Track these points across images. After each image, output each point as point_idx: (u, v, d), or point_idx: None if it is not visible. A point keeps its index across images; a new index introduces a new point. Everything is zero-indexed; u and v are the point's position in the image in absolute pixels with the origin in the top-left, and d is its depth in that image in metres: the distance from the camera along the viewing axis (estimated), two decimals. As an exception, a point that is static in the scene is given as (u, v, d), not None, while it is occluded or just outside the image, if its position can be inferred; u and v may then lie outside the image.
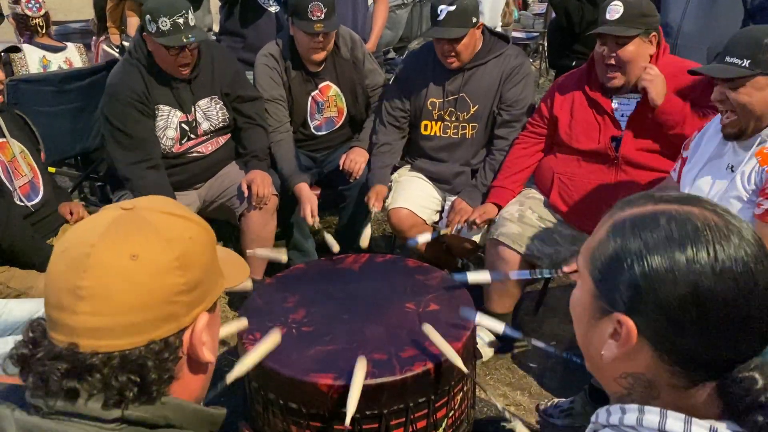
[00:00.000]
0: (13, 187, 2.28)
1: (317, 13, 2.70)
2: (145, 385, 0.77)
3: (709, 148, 1.94)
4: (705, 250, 0.75)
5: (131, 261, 0.77)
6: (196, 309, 0.82)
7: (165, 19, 2.45)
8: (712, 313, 0.74)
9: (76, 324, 0.75)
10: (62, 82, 3.52)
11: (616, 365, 0.82)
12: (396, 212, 2.76)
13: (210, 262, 0.86)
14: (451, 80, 2.73)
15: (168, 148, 2.70)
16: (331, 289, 2.06)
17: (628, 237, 0.80)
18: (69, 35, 4.77)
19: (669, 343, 0.77)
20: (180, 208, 0.87)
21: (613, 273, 0.80)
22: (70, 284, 0.76)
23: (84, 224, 0.82)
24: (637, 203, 0.84)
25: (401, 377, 1.65)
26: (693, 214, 0.78)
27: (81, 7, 9.54)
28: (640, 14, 2.24)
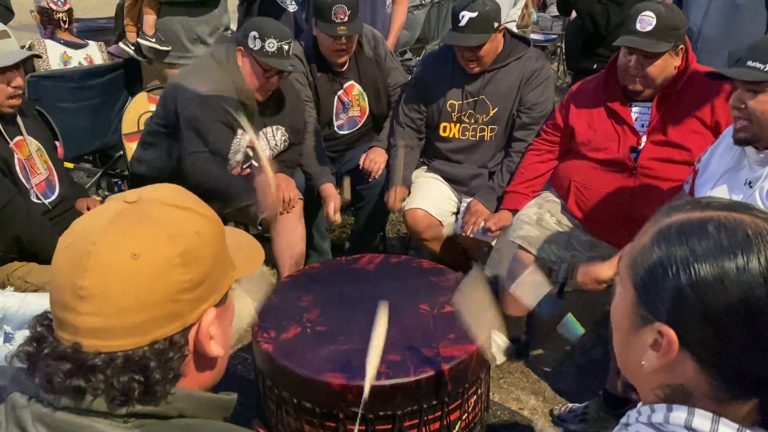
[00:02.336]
0: (30, 185, 2.30)
1: (341, 16, 2.71)
2: (150, 385, 0.76)
3: (725, 162, 1.91)
4: (756, 258, 0.72)
5: (132, 260, 0.75)
6: (202, 305, 0.81)
7: (273, 41, 2.46)
8: (760, 323, 0.71)
9: (78, 324, 0.75)
10: (82, 79, 3.56)
11: (655, 376, 0.79)
12: (412, 213, 2.75)
13: (218, 255, 0.83)
14: (471, 82, 2.72)
15: (231, 169, 2.66)
16: (346, 289, 2.06)
17: (674, 244, 0.76)
18: (91, 32, 4.81)
19: (715, 356, 0.74)
20: (187, 199, 0.85)
21: (657, 281, 0.77)
22: (72, 284, 0.75)
23: (88, 218, 0.81)
24: (684, 209, 0.80)
25: (415, 379, 1.64)
26: (744, 222, 0.75)
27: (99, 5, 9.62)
28: (672, 27, 2.18)
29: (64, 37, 3.84)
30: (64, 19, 3.80)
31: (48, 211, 2.36)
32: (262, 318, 1.91)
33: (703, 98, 2.25)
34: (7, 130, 2.24)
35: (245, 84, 2.56)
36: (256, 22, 2.56)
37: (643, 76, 2.24)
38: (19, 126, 2.31)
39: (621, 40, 2.25)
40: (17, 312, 2.02)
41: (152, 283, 0.75)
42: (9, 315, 2.00)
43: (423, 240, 2.81)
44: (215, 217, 0.86)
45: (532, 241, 2.44)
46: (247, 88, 2.57)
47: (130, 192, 0.82)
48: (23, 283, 2.20)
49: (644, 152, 2.32)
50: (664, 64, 2.22)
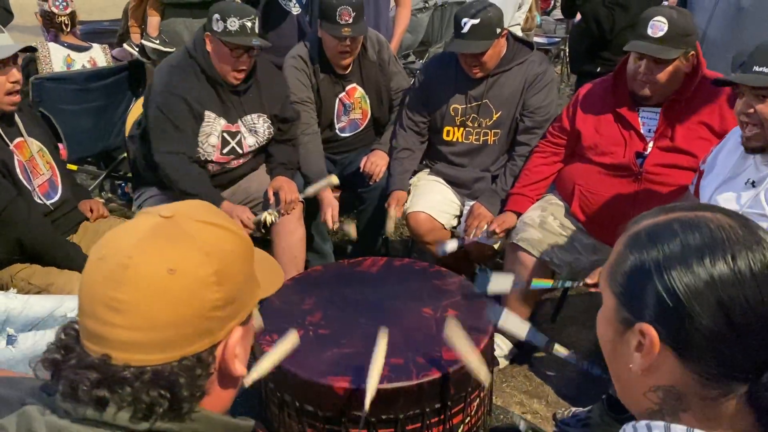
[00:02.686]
0: (32, 186, 2.29)
1: (346, 17, 2.71)
2: (176, 402, 0.76)
3: (729, 163, 1.90)
4: (722, 253, 0.75)
5: (169, 275, 0.75)
6: (230, 323, 0.81)
7: (234, 20, 2.45)
8: (735, 316, 0.73)
9: (110, 336, 0.75)
10: (86, 81, 3.56)
11: (645, 379, 0.80)
12: (414, 216, 2.75)
13: (247, 274, 0.84)
14: (475, 86, 2.72)
15: (207, 155, 2.64)
16: (349, 292, 2.06)
17: (646, 248, 0.80)
18: (96, 34, 4.82)
19: (695, 350, 0.76)
20: (219, 216, 0.85)
21: (634, 284, 0.80)
22: (106, 296, 0.75)
23: (122, 231, 0.81)
24: (651, 215, 0.84)
25: (417, 382, 1.64)
26: (706, 218, 0.79)
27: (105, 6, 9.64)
28: (683, 33, 2.17)
29: (68, 40, 3.84)
30: (66, 22, 3.80)
31: (51, 212, 2.36)
32: (265, 321, 1.91)
33: (711, 104, 2.24)
34: (7, 131, 2.24)
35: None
36: (218, 5, 2.54)
37: (653, 82, 2.23)
38: (19, 127, 2.31)
39: (631, 45, 2.23)
40: (20, 314, 2.02)
41: (187, 299, 0.76)
42: (12, 317, 2.00)
43: (425, 243, 2.81)
44: (246, 236, 0.86)
45: (534, 244, 2.44)
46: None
47: (165, 207, 0.83)
48: (26, 284, 2.20)
49: (650, 158, 2.31)
50: (674, 71, 2.21)
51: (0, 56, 2.12)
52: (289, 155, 2.84)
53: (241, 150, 2.70)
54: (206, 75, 2.58)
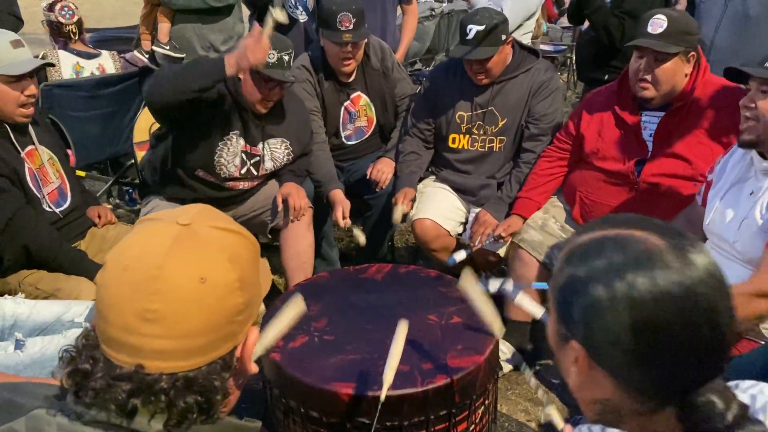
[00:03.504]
0: (42, 194, 2.31)
1: (346, 24, 2.72)
2: (209, 405, 0.78)
3: (734, 173, 1.91)
4: (643, 275, 0.75)
5: (200, 284, 0.77)
6: (248, 324, 0.84)
7: (273, 52, 2.43)
8: (658, 339, 0.74)
9: (143, 345, 0.76)
10: (95, 88, 3.59)
11: (585, 392, 0.82)
12: (420, 223, 2.76)
13: (257, 276, 0.87)
14: (480, 94, 2.73)
15: (230, 174, 2.63)
16: (354, 298, 2.07)
17: (577, 265, 0.80)
18: (105, 41, 4.86)
19: (622, 370, 0.77)
20: (228, 221, 0.87)
21: (567, 301, 0.81)
22: (138, 307, 0.76)
23: (144, 240, 0.81)
24: (591, 228, 0.84)
25: (422, 389, 1.64)
26: (634, 238, 0.78)
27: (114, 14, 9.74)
28: (683, 31, 2.18)
29: (77, 47, 3.88)
30: (74, 30, 3.83)
31: (59, 219, 2.38)
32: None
33: (714, 110, 2.24)
34: (19, 140, 2.27)
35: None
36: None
37: (653, 79, 2.24)
38: (31, 136, 2.34)
39: (633, 41, 2.27)
40: (28, 319, 2.03)
41: (217, 306, 0.78)
42: (20, 322, 2.02)
43: (431, 250, 2.81)
44: (254, 239, 0.89)
45: (535, 246, 2.45)
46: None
47: (180, 213, 0.84)
48: (34, 290, 2.22)
49: (648, 166, 2.31)
50: (674, 68, 2.22)
51: (20, 71, 2.15)
52: (298, 163, 2.85)
53: (256, 172, 2.69)
54: (233, 97, 2.56)
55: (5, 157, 2.18)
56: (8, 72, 2.13)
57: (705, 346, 0.75)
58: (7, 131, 2.22)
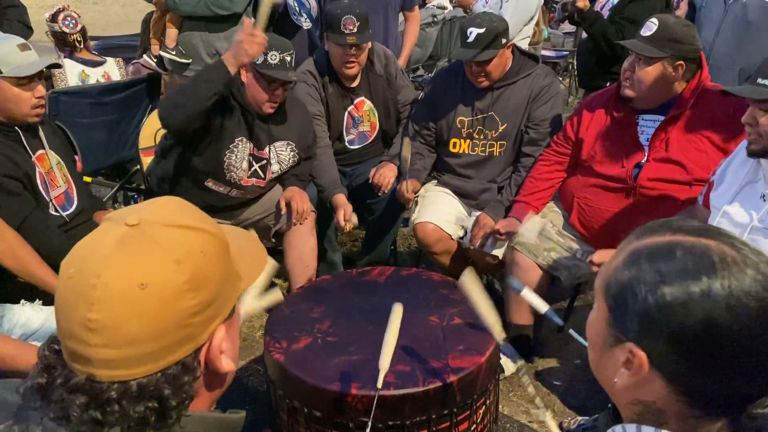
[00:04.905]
0: (49, 198, 2.35)
1: (350, 26, 2.77)
2: (165, 411, 0.76)
3: (740, 175, 1.91)
4: (719, 283, 0.74)
5: (140, 290, 0.73)
6: (212, 324, 0.80)
7: (275, 53, 2.49)
8: (725, 347, 0.73)
9: (90, 355, 0.74)
10: (101, 95, 3.63)
11: (629, 392, 0.82)
12: (422, 226, 2.78)
13: (224, 271, 0.82)
14: (481, 99, 2.76)
15: (238, 179, 2.67)
16: (357, 300, 2.09)
17: (643, 266, 0.79)
18: (110, 49, 4.91)
19: (681, 376, 0.76)
20: (189, 214, 0.82)
21: (627, 302, 0.79)
22: (80, 317, 0.73)
23: (88, 244, 0.78)
24: (655, 232, 0.83)
25: (424, 389, 1.67)
26: (710, 247, 0.77)
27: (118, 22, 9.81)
28: (671, 38, 2.20)
29: (82, 56, 3.92)
30: (78, 39, 3.88)
31: (65, 223, 2.41)
32: (274, 328, 1.95)
33: (714, 117, 2.25)
34: (30, 143, 2.30)
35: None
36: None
37: (634, 79, 2.27)
38: (42, 140, 2.37)
39: (623, 41, 2.33)
40: (43, 326, 2.06)
41: (162, 311, 0.74)
42: (38, 329, 2.04)
43: (433, 253, 2.84)
44: (219, 231, 0.84)
45: (531, 249, 2.48)
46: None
47: (130, 212, 0.79)
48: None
49: (644, 171, 2.33)
50: (655, 73, 2.24)
51: (28, 72, 2.19)
52: (302, 168, 2.89)
53: (263, 175, 2.73)
54: (238, 102, 2.60)
55: (18, 160, 2.21)
56: (18, 74, 2.17)
57: None
58: (19, 135, 2.26)
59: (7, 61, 2.17)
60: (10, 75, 2.16)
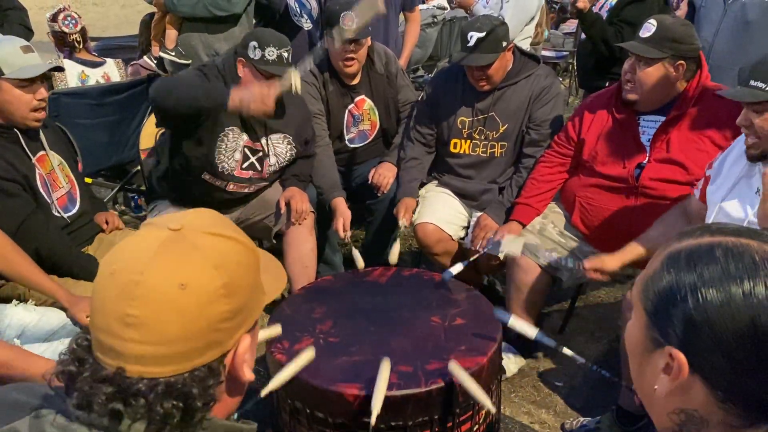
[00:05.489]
0: (51, 199, 2.34)
1: (348, 22, 2.77)
2: (190, 412, 0.78)
3: (736, 170, 1.91)
4: (763, 284, 0.73)
5: (180, 290, 0.77)
6: (238, 332, 0.83)
7: (273, 50, 2.50)
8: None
9: (123, 350, 0.77)
10: (101, 96, 3.63)
11: (669, 400, 0.80)
12: (422, 227, 2.78)
13: (254, 283, 0.86)
14: (481, 99, 2.76)
15: (230, 170, 2.67)
16: (358, 301, 2.09)
17: (683, 269, 0.78)
18: (110, 50, 4.92)
19: (724, 380, 0.74)
20: (227, 227, 0.87)
21: (667, 306, 0.78)
22: (119, 311, 0.76)
23: (132, 246, 0.82)
24: (694, 234, 0.82)
25: (426, 389, 1.67)
26: (751, 248, 0.76)
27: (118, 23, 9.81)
28: (670, 38, 2.19)
29: (82, 56, 3.93)
30: (78, 39, 3.88)
31: (68, 224, 2.41)
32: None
33: (714, 117, 2.25)
34: (30, 145, 2.30)
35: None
36: (254, 33, 2.61)
37: (636, 81, 2.27)
38: (42, 141, 2.37)
39: (622, 43, 2.33)
40: (36, 326, 2.06)
41: (198, 313, 0.78)
42: (27, 330, 2.04)
43: (434, 254, 2.84)
44: (252, 244, 0.88)
45: (532, 249, 2.47)
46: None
47: (171, 219, 0.84)
48: (43, 295, 2.24)
49: (646, 171, 2.33)
50: (657, 73, 2.24)
51: (29, 75, 2.19)
52: (301, 167, 2.88)
53: (260, 167, 2.73)
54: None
55: (16, 162, 2.21)
56: (20, 76, 2.17)
57: None
58: (17, 137, 2.25)
59: (9, 63, 2.17)
60: (11, 77, 2.16)
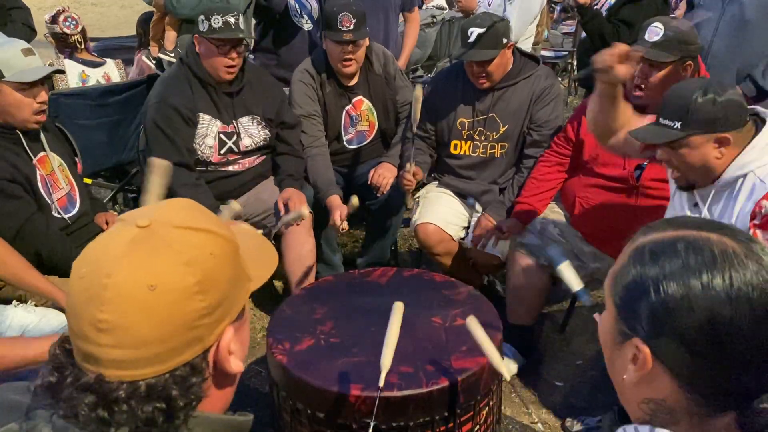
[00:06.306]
0: (51, 200, 2.34)
1: (347, 24, 2.77)
2: (173, 412, 0.76)
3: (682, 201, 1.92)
4: (720, 276, 0.75)
5: (149, 292, 0.74)
6: (220, 326, 0.80)
7: (218, 17, 2.58)
8: (729, 341, 0.74)
9: (100, 355, 0.75)
10: (101, 96, 3.63)
11: (638, 390, 0.82)
12: (423, 228, 2.78)
13: (234, 273, 0.82)
14: (481, 100, 2.76)
15: (206, 157, 2.74)
16: (359, 301, 2.09)
17: (647, 263, 0.80)
18: (110, 50, 4.92)
19: (687, 370, 0.77)
20: (199, 217, 0.83)
21: (632, 299, 0.81)
22: (91, 317, 0.74)
23: (100, 246, 0.79)
24: (658, 229, 0.84)
25: (427, 390, 1.67)
26: (710, 241, 0.78)
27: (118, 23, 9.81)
28: (679, 40, 2.19)
29: (82, 56, 3.92)
30: (79, 40, 3.88)
31: (68, 225, 2.41)
32: (276, 330, 1.94)
33: None
34: (31, 146, 2.30)
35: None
36: (202, 7, 2.67)
37: (648, 87, 2.26)
38: (43, 142, 2.37)
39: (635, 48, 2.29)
40: (36, 327, 2.06)
41: (170, 313, 0.75)
42: (27, 332, 2.04)
43: (434, 254, 2.84)
44: (228, 233, 0.84)
45: (533, 249, 2.47)
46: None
47: (141, 214, 0.80)
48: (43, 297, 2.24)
49: (647, 172, 2.34)
50: (669, 77, 2.23)
51: (30, 78, 2.19)
52: (295, 167, 2.90)
53: (237, 149, 2.79)
54: (198, 78, 2.69)
55: (18, 163, 2.21)
56: (21, 79, 2.17)
57: None
58: (19, 138, 2.26)
59: (9, 66, 2.17)
60: (12, 80, 2.16)
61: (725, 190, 1.76)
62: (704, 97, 1.66)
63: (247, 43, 2.67)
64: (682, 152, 1.72)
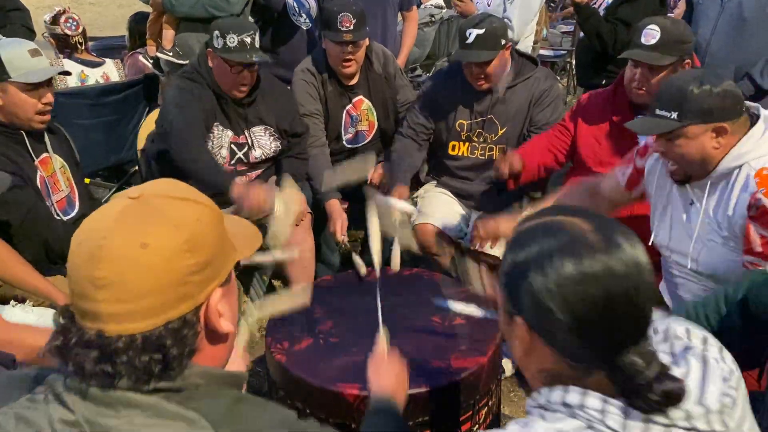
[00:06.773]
0: (51, 202, 2.34)
1: (346, 24, 2.76)
2: (168, 361, 0.83)
3: (666, 185, 1.92)
4: (569, 259, 0.87)
5: (142, 249, 0.81)
6: (209, 286, 0.88)
7: (233, 36, 2.50)
8: (584, 313, 0.86)
9: (99, 310, 0.82)
10: (99, 96, 3.63)
11: (530, 362, 0.96)
12: (422, 228, 2.78)
13: (219, 239, 0.90)
14: (480, 102, 2.75)
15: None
16: (358, 301, 2.09)
17: (517, 251, 0.93)
18: (108, 50, 4.91)
19: (558, 340, 0.90)
20: (185, 191, 0.91)
21: (510, 282, 0.94)
22: (88, 275, 0.82)
23: (95, 216, 0.88)
24: (533, 217, 0.96)
25: (426, 389, 1.67)
26: (564, 224, 0.90)
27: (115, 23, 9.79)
28: (676, 41, 2.20)
29: (81, 56, 3.91)
30: (80, 41, 3.87)
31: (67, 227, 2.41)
32: (275, 329, 1.94)
33: None
34: (34, 147, 2.30)
35: None
36: (217, 22, 2.64)
37: (649, 89, 2.26)
38: (46, 144, 2.37)
39: (627, 53, 2.29)
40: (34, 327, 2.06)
41: (163, 267, 0.82)
42: None
43: (433, 254, 2.84)
44: (213, 204, 0.93)
45: None
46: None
47: (133, 189, 0.90)
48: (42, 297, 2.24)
49: None
50: (669, 76, 2.24)
51: (36, 79, 2.19)
52: (297, 167, 2.89)
53: (246, 160, 2.76)
54: (211, 89, 2.65)
55: (20, 162, 2.22)
56: (26, 80, 2.17)
57: (625, 318, 0.87)
58: (23, 138, 2.26)
59: (15, 66, 2.16)
60: (18, 80, 2.16)
61: (720, 182, 1.76)
62: (701, 87, 1.66)
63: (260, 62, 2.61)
64: (679, 143, 1.71)
